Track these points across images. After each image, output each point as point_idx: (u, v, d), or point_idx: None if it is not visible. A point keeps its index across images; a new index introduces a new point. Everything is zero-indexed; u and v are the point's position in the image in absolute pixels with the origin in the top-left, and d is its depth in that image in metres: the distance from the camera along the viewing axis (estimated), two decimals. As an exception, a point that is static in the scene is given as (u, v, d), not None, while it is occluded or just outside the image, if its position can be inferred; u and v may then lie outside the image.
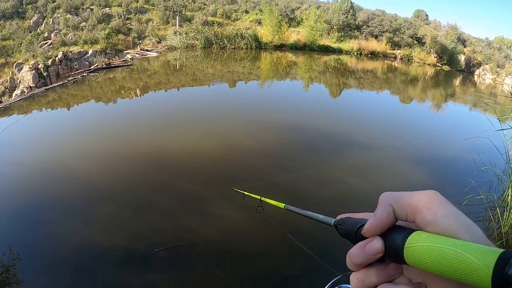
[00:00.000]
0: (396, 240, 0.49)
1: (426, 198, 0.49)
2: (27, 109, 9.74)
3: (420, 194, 0.50)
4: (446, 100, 17.04)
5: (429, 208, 0.48)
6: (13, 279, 3.35)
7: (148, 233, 4.13)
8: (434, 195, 0.49)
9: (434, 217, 0.47)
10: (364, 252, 0.52)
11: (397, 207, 0.51)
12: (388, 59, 31.70)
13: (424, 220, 0.48)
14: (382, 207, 0.53)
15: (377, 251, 0.51)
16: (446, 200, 0.49)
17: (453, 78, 27.59)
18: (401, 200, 0.51)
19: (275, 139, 7.62)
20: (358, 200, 5.28)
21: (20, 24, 23.34)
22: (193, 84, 13.94)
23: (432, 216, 0.47)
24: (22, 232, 4.13)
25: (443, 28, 37.43)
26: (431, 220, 0.47)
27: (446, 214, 0.46)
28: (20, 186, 5.24)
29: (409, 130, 9.71)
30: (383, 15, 35.36)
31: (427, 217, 0.47)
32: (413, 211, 0.49)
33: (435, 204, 0.48)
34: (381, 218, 0.52)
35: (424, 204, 0.48)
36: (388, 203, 0.52)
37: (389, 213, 0.51)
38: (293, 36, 29.00)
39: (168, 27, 25.76)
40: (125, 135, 7.47)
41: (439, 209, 0.47)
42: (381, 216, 0.52)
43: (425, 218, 0.48)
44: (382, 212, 0.52)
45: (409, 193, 0.52)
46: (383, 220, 0.51)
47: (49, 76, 18.24)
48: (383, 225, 0.52)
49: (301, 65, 22.09)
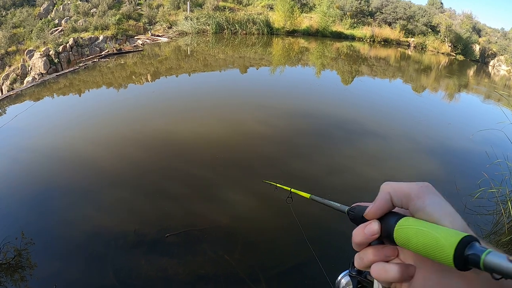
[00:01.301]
0: (390, 223, 0.57)
1: (419, 189, 0.57)
2: (38, 95, 9.77)
3: (414, 185, 0.58)
4: (459, 90, 16.74)
5: (419, 197, 0.55)
6: (26, 263, 3.41)
7: (159, 218, 4.16)
8: (426, 186, 0.57)
9: (422, 205, 0.54)
10: (363, 233, 0.60)
11: (394, 196, 0.59)
12: (401, 47, 31.20)
13: (414, 207, 0.55)
14: (381, 195, 0.60)
15: (374, 232, 0.59)
16: (436, 191, 0.57)
17: (467, 68, 27.12)
18: (398, 189, 0.59)
19: (287, 126, 7.57)
20: (369, 188, 5.19)
21: (30, 11, 23.35)
22: (204, 70, 13.87)
23: (421, 204, 0.54)
24: (34, 217, 4.17)
25: (458, 16, 36.66)
26: (420, 207, 0.55)
27: (432, 203, 0.54)
28: (32, 172, 5.30)
29: (421, 119, 9.54)
30: (397, 1, 34.59)
31: (417, 205, 0.55)
32: (407, 199, 0.57)
33: (424, 194, 0.55)
34: (380, 204, 0.59)
35: (416, 193, 0.56)
36: (387, 191, 0.60)
37: (387, 200, 0.59)
38: (305, 22, 28.61)
39: (179, 13, 25.59)
40: (137, 120, 7.47)
41: (427, 198, 0.55)
42: (380, 202, 0.59)
43: (415, 205, 0.55)
44: (381, 199, 0.60)
45: (405, 183, 0.59)
46: (382, 206, 0.59)
47: (60, 63, 18.29)
48: (381, 210, 0.59)
49: (313, 52, 21.85)
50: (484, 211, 4.60)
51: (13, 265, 3.37)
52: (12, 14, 23.07)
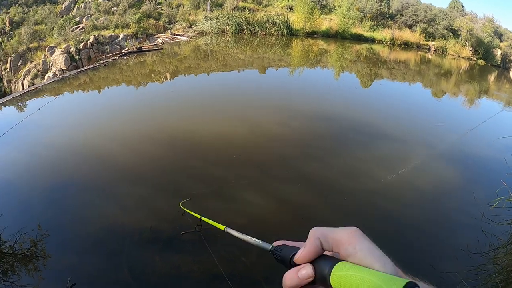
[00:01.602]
0: (324, 268, 0.59)
1: (349, 234, 0.60)
2: (59, 91, 9.82)
3: (343, 231, 0.61)
4: (479, 96, 16.40)
5: (350, 242, 0.58)
6: (40, 254, 3.45)
7: (175, 216, 4.11)
8: (355, 232, 0.60)
9: (354, 250, 0.57)
10: (297, 277, 0.61)
11: (324, 241, 0.61)
12: (421, 50, 30.77)
13: (346, 252, 0.58)
14: (311, 240, 0.62)
15: (308, 276, 0.60)
16: (364, 236, 0.60)
17: (488, 74, 26.58)
18: (328, 235, 0.62)
19: (304, 128, 7.49)
20: (384, 194, 5.22)
21: (52, 9, 23.70)
22: (223, 70, 13.83)
23: (352, 250, 0.57)
24: (51, 210, 4.20)
25: (480, 20, 36.03)
26: (352, 252, 0.57)
27: (363, 248, 0.57)
28: (50, 166, 5.32)
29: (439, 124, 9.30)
30: (418, 4, 34.16)
31: (348, 250, 0.58)
32: (337, 245, 0.60)
33: (354, 239, 0.59)
34: (310, 249, 0.61)
35: (346, 239, 0.59)
36: (316, 237, 0.62)
37: (317, 245, 0.61)
38: (325, 24, 28.42)
39: (199, 12, 25.66)
40: (155, 118, 7.44)
41: (358, 244, 0.58)
42: (310, 247, 0.61)
43: (347, 251, 0.58)
44: (311, 245, 0.61)
45: (335, 229, 0.62)
46: (312, 251, 0.61)
47: (81, 59, 18.49)
48: (311, 255, 0.61)
49: (333, 53, 21.70)
50: (501, 221, 4.44)
51: (28, 255, 3.41)
52: (34, 11, 23.44)
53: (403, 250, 4.05)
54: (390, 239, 4.23)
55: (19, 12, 23.14)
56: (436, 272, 3.57)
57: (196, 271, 3.34)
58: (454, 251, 4.06)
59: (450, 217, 4.83)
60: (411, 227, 4.52)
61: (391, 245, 4.13)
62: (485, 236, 4.13)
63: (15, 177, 4.97)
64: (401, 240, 4.27)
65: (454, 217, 4.84)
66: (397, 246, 4.12)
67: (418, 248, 4.09)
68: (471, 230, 4.39)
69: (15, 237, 3.55)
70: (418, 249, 4.06)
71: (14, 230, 3.62)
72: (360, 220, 4.45)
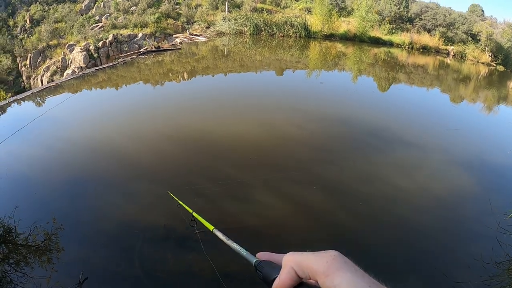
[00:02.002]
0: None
1: (325, 264, 0.54)
2: (77, 88, 9.92)
3: (319, 259, 0.55)
4: (498, 102, 16.13)
5: (327, 275, 0.53)
6: (54, 247, 3.48)
7: (189, 215, 4.08)
8: (333, 260, 0.54)
9: (332, 284, 0.51)
10: None
11: (298, 270, 0.57)
12: (440, 55, 30.38)
13: (324, 285, 0.53)
14: (285, 270, 0.59)
15: None
16: (344, 264, 0.54)
17: (507, 80, 26.14)
18: (302, 264, 0.57)
19: (320, 131, 7.42)
20: (402, 199, 5.16)
21: (72, 7, 24.07)
22: (240, 70, 13.84)
23: (330, 283, 0.52)
24: (66, 204, 4.25)
25: (499, 25, 35.43)
26: (329, 286, 0.52)
27: (342, 282, 0.51)
28: (67, 161, 5.38)
29: (457, 131, 9.17)
30: (437, 8, 33.77)
31: (326, 283, 0.52)
32: (313, 275, 0.55)
33: (332, 270, 0.53)
34: (285, 280, 0.58)
35: (322, 270, 0.54)
36: (290, 266, 0.58)
37: (292, 276, 0.58)
38: (343, 26, 28.32)
39: (217, 13, 25.76)
40: (172, 117, 7.45)
41: (336, 277, 0.52)
42: (284, 278, 0.58)
43: (324, 284, 0.53)
44: (286, 275, 0.58)
45: (310, 257, 0.57)
46: (287, 282, 0.58)
47: (99, 57, 18.69)
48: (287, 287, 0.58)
49: (350, 56, 21.55)
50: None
51: (42, 247, 3.44)
52: (54, 9, 23.83)
53: (416, 257, 3.99)
54: (404, 246, 4.17)
55: (40, 9, 23.55)
56: (448, 280, 3.51)
57: (207, 269, 3.33)
58: (467, 260, 3.98)
59: (465, 226, 4.74)
60: (425, 234, 4.42)
61: (405, 251, 4.08)
62: (500, 247, 4.06)
63: (33, 171, 5.03)
64: (415, 246, 4.18)
65: (469, 225, 4.75)
66: (411, 252, 4.06)
67: (431, 255, 4.00)
68: (486, 239, 4.30)
69: (30, 229, 3.58)
70: (431, 257, 3.97)
71: (29, 223, 3.65)
72: (374, 224, 4.41)
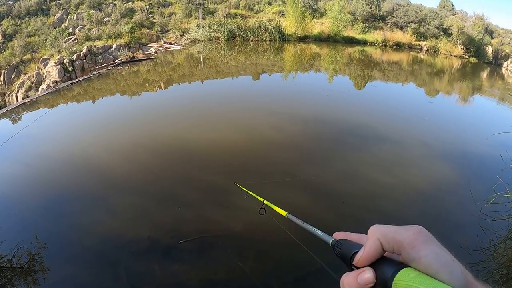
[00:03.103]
0: (386, 273, 0.55)
1: (411, 236, 0.54)
2: (53, 102, 9.84)
3: (405, 231, 0.56)
4: (473, 93, 16.50)
5: (412, 246, 0.53)
6: (39, 267, 3.41)
7: (173, 225, 4.16)
8: (419, 232, 0.55)
9: (417, 256, 0.52)
10: (357, 282, 0.57)
11: (384, 241, 0.57)
12: (413, 51, 31.00)
13: (408, 256, 0.54)
14: (371, 241, 0.58)
15: (368, 282, 0.56)
16: (430, 237, 0.55)
17: (480, 71, 26.79)
18: (388, 235, 0.57)
19: (300, 132, 7.48)
20: (382, 195, 5.22)
21: (44, 20, 23.76)
22: (217, 77, 13.87)
23: (415, 255, 0.53)
24: (48, 222, 4.20)
25: (470, 18, 36.30)
26: (415, 258, 0.53)
27: (428, 253, 0.52)
28: (46, 177, 5.33)
29: (434, 123, 9.39)
30: (408, 5, 34.39)
31: (411, 255, 0.53)
32: (399, 247, 0.55)
33: (418, 242, 0.54)
34: (370, 251, 0.57)
35: (408, 241, 0.54)
36: (376, 238, 0.58)
37: (377, 247, 0.57)
38: (317, 28, 28.62)
39: (191, 20, 25.78)
40: (150, 127, 7.45)
41: (421, 248, 0.53)
42: (370, 249, 0.58)
43: (409, 255, 0.53)
44: (371, 246, 0.58)
45: (396, 229, 0.57)
46: (372, 253, 0.57)
47: (74, 71, 18.52)
48: (372, 258, 0.58)
49: (325, 57, 21.79)
50: (499, 216, 4.48)
51: (26, 269, 3.39)
52: (26, 23, 23.48)
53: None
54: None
55: (12, 24, 23.17)
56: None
57: (194, 279, 3.35)
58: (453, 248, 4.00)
59: (448, 216, 4.84)
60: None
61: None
62: (484, 233, 4.18)
63: (11, 190, 4.96)
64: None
65: (452, 215, 4.85)
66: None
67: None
68: (470, 227, 4.42)
69: (13, 251, 3.54)
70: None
71: (12, 244, 3.61)
72: (357, 221, 4.48)
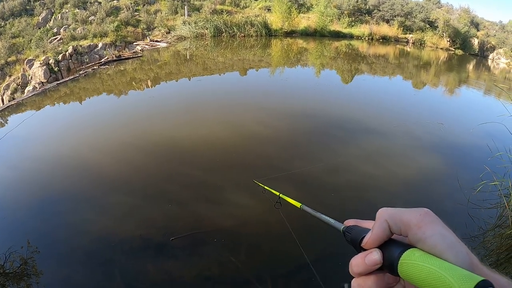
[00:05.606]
0: (392, 254, 0.56)
1: (418, 217, 0.56)
2: (40, 104, 9.78)
3: (412, 212, 0.57)
4: (459, 85, 16.67)
5: (419, 226, 0.54)
6: (32, 271, 3.39)
7: (164, 222, 4.18)
8: (426, 214, 0.56)
9: (423, 236, 0.53)
10: (364, 263, 0.59)
11: (392, 223, 0.58)
12: (400, 44, 31.19)
13: (415, 237, 0.55)
14: (378, 223, 0.59)
15: (375, 263, 0.57)
16: (436, 218, 0.56)
17: (467, 63, 27.04)
18: (395, 216, 0.58)
19: (288, 127, 7.53)
20: (371, 187, 5.27)
21: (29, 21, 23.53)
22: (204, 73, 13.86)
23: (422, 235, 0.54)
24: (39, 225, 4.17)
25: (456, 11, 36.65)
26: (421, 238, 0.54)
27: (434, 233, 0.53)
28: (35, 180, 5.30)
29: (421, 116, 9.47)
30: (394, -2, 34.73)
31: (417, 235, 0.54)
32: (406, 228, 0.56)
33: (425, 223, 0.55)
34: (378, 233, 0.59)
35: (415, 222, 0.55)
36: (384, 219, 0.59)
37: (385, 228, 0.58)
38: (303, 22, 28.66)
39: (177, 17, 25.70)
40: (138, 126, 7.46)
41: (428, 229, 0.54)
42: (377, 231, 0.59)
43: (416, 236, 0.54)
44: (378, 228, 0.59)
45: (403, 210, 0.58)
46: (380, 234, 0.58)
47: (60, 71, 18.37)
48: (379, 239, 0.59)
49: (312, 51, 21.85)
50: (487, 205, 4.59)
51: (19, 273, 3.38)
52: (11, 24, 23.23)
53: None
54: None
55: (-5, 25, 22.91)
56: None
57: (188, 275, 3.38)
58: None
59: (437, 205, 4.86)
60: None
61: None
62: (473, 221, 4.30)
63: (0, 194, 4.96)
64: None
65: (440, 205, 4.89)
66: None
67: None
68: (459, 216, 4.50)
69: (5, 256, 3.54)
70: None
71: (4, 249, 3.61)
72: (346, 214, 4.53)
